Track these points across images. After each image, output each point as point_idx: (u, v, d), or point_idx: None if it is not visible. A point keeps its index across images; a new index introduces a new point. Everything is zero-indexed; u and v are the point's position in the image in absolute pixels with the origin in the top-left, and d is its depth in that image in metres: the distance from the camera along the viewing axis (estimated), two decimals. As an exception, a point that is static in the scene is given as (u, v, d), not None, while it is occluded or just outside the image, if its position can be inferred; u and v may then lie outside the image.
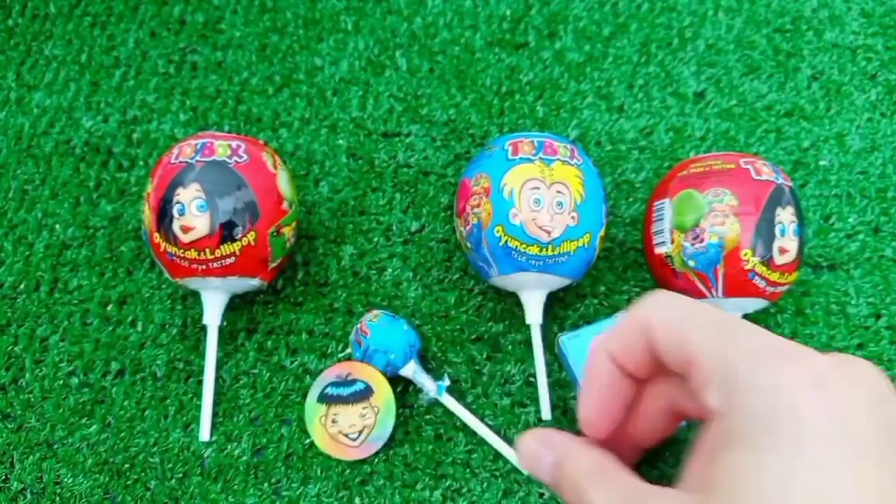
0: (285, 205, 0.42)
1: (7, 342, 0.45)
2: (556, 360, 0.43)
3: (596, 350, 0.26)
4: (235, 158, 0.40)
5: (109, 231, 0.48)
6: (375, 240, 0.47)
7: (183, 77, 0.54)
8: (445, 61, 0.54)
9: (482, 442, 0.41)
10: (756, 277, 0.38)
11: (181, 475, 0.41)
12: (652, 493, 0.22)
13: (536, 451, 0.26)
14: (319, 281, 0.46)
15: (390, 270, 0.46)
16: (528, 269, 0.39)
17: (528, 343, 0.43)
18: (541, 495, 0.40)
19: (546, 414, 0.41)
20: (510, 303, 0.45)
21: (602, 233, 0.41)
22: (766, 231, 0.37)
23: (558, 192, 0.39)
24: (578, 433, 0.27)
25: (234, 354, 0.44)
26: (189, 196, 0.39)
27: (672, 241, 0.39)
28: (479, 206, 0.40)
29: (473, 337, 0.44)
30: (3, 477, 0.41)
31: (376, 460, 0.41)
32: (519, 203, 0.38)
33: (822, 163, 0.50)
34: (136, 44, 0.56)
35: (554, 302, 0.45)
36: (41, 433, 0.42)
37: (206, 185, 0.39)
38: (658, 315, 0.24)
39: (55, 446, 0.42)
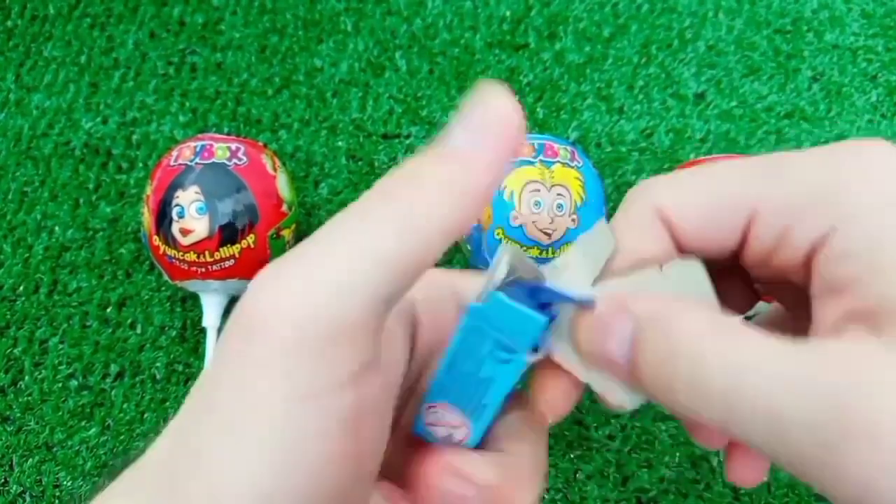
0: (285, 207, 0.42)
1: (6, 344, 0.45)
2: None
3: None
4: (235, 161, 0.40)
5: (109, 233, 0.48)
6: (375, 242, 0.47)
7: (182, 78, 0.54)
8: (445, 62, 0.54)
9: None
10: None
11: (181, 478, 0.41)
12: (850, 355, 0.15)
13: (608, 315, 0.18)
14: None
15: (390, 272, 0.46)
16: (528, 272, 0.39)
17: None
18: (541, 497, 0.40)
19: (546, 416, 0.41)
20: (510, 305, 0.45)
21: (602, 235, 0.41)
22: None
23: (559, 194, 0.39)
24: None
25: (233, 357, 0.44)
26: (188, 198, 0.39)
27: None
28: (479, 208, 0.40)
29: (473, 339, 0.44)
30: (3, 480, 0.41)
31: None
32: (519, 205, 0.38)
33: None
34: (135, 45, 0.56)
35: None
36: (40, 436, 0.42)
37: (205, 187, 0.39)
38: (674, 196, 0.19)
39: (54, 449, 0.42)
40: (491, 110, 0.16)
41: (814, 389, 0.14)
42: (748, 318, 0.20)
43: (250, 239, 0.40)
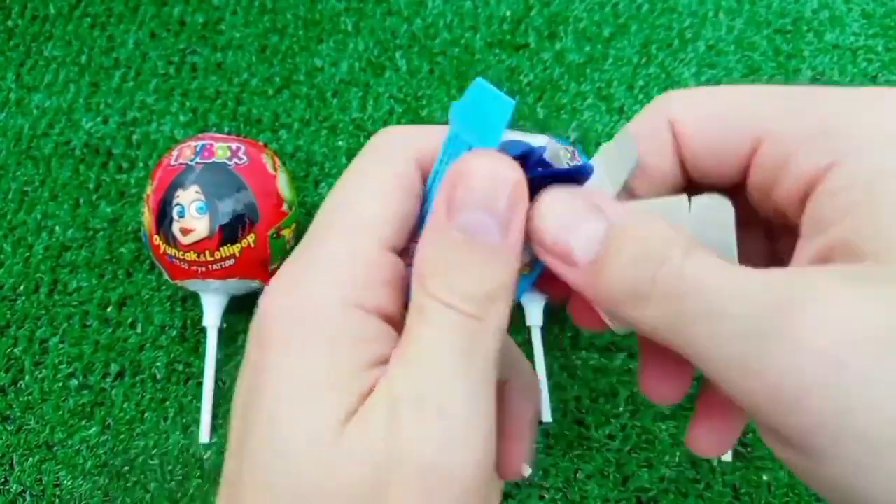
0: (285, 207, 0.42)
1: (6, 344, 0.45)
2: (555, 362, 0.43)
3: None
4: (235, 160, 0.40)
5: (109, 233, 0.48)
6: (375, 241, 0.47)
7: (183, 78, 0.54)
8: (446, 62, 0.54)
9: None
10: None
11: (181, 477, 0.41)
12: (804, 275, 0.15)
13: (584, 205, 0.17)
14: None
15: (390, 272, 0.46)
16: (528, 271, 0.39)
17: (528, 345, 0.43)
18: (541, 497, 0.40)
19: (546, 416, 0.41)
20: (510, 304, 0.45)
21: (602, 235, 0.41)
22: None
23: (559, 194, 0.39)
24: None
25: (234, 356, 0.44)
26: (189, 198, 0.39)
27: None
28: (479, 207, 0.40)
29: (474, 339, 0.44)
30: (3, 479, 0.41)
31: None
32: (519, 205, 0.38)
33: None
34: (135, 45, 0.56)
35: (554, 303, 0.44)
36: (41, 435, 0.42)
37: (205, 186, 0.39)
38: (686, 110, 0.19)
39: (55, 448, 0.42)
40: (506, 185, 0.16)
41: (755, 295, 0.14)
42: None
43: (251, 238, 0.40)
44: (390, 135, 0.20)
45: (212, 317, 0.42)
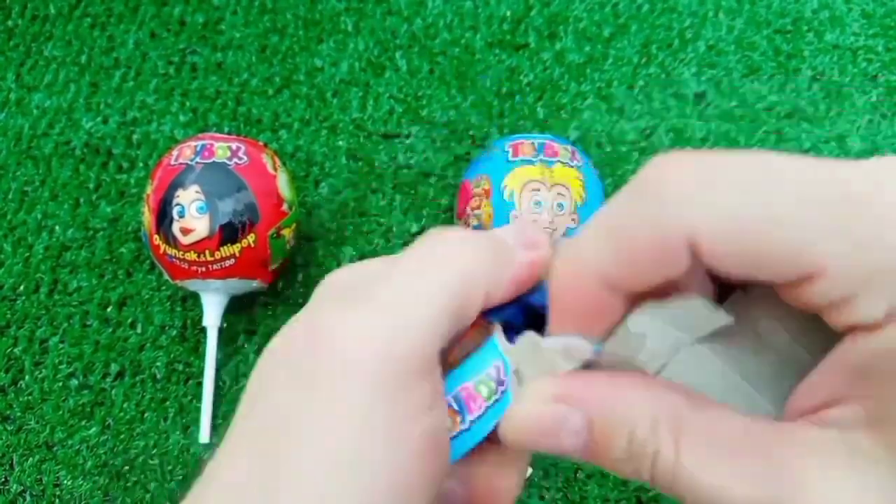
0: (285, 206, 0.42)
1: (7, 344, 0.45)
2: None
3: (576, 271, 0.17)
4: (235, 160, 0.40)
5: (109, 233, 0.48)
6: (375, 241, 0.47)
7: (183, 78, 0.54)
8: (446, 62, 0.54)
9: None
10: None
11: (181, 477, 0.41)
12: (786, 437, 0.14)
13: (556, 413, 0.16)
14: (319, 283, 0.46)
15: (390, 272, 0.46)
16: (528, 271, 0.39)
17: (528, 345, 0.43)
18: (541, 497, 0.40)
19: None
20: (510, 304, 0.45)
21: (602, 234, 0.41)
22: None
23: (559, 193, 0.39)
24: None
25: (233, 356, 0.44)
26: (189, 198, 0.39)
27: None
28: (479, 207, 0.40)
29: (474, 339, 0.44)
30: (3, 479, 0.41)
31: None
32: (519, 205, 0.38)
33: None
34: (135, 45, 0.56)
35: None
36: (41, 435, 0.42)
37: (205, 186, 0.39)
38: (711, 221, 0.14)
39: (55, 448, 0.42)
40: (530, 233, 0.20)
41: (748, 493, 0.15)
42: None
43: (251, 238, 0.40)
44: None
45: (212, 317, 0.42)
